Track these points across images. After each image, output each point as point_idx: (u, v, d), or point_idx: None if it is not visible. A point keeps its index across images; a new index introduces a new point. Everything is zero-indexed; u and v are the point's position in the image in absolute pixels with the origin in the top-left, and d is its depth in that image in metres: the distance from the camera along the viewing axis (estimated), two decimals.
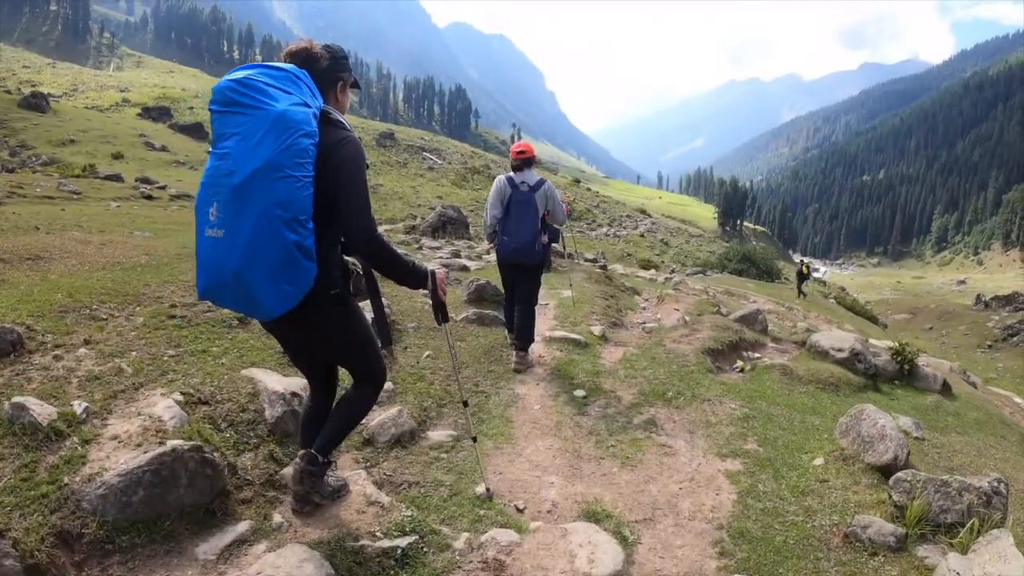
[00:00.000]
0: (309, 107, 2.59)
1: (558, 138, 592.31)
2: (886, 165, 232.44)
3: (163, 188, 23.20)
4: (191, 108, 72.01)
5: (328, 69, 2.85)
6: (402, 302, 7.33)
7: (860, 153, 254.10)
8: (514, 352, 6.24)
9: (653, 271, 23.41)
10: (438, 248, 17.20)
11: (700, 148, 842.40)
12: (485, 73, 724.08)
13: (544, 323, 7.79)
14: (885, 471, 4.17)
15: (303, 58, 2.79)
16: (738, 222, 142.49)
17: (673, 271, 42.79)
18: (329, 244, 2.73)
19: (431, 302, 3.21)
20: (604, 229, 61.47)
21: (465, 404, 3.98)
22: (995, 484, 3.70)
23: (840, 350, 7.51)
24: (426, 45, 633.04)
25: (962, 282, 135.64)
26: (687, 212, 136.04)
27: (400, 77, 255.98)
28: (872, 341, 12.69)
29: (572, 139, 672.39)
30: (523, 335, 6.23)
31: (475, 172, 74.46)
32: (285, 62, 2.76)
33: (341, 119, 2.79)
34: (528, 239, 6.10)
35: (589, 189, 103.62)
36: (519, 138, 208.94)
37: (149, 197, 20.00)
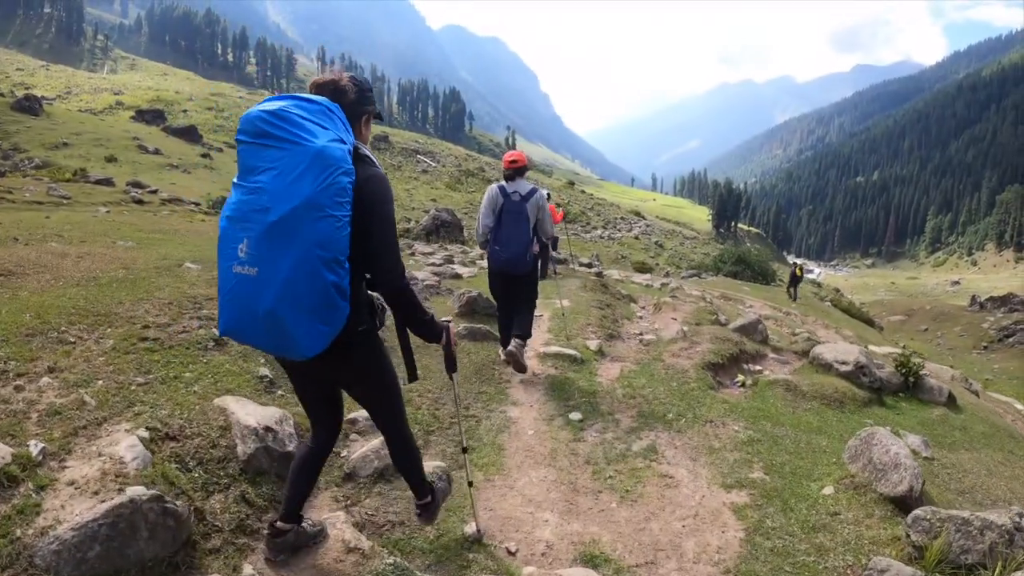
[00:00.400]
0: (344, 143, 2.52)
1: (552, 140, 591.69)
2: (880, 166, 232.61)
3: (154, 192, 22.95)
4: (185, 111, 71.81)
5: (355, 102, 2.77)
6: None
7: (854, 154, 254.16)
8: (512, 341, 6.21)
9: (648, 275, 23.20)
10: (431, 253, 16.98)
11: (694, 150, 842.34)
12: (479, 75, 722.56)
13: (538, 337, 7.57)
14: (899, 503, 3.95)
15: (331, 90, 2.73)
16: (732, 224, 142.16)
17: (667, 274, 42.65)
18: (358, 281, 2.65)
19: (444, 354, 3.19)
20: (599, 231, 61.46)
21: (465, 451, 3.68)
22: (1016, 520, 3.48)
23: (844, 363, 7.28)
24: (420, 48, 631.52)
25: (956, 283, 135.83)
26: (681, 214, 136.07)
27: (394, 80, 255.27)
28: (872, 348, 12.52)
29: (566, 141, 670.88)
30: (522, 329, 6.29)
31: (469, 175, 74.48)
32: (312, 92, 2.71)
33: (369, 154, 2.70)
34: (520, 249, 6.09)
35: (583, 191, 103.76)
36: (513, 140, 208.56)
37: (139, 202, 19.77)
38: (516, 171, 6.28)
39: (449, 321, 3.04)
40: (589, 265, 23.25)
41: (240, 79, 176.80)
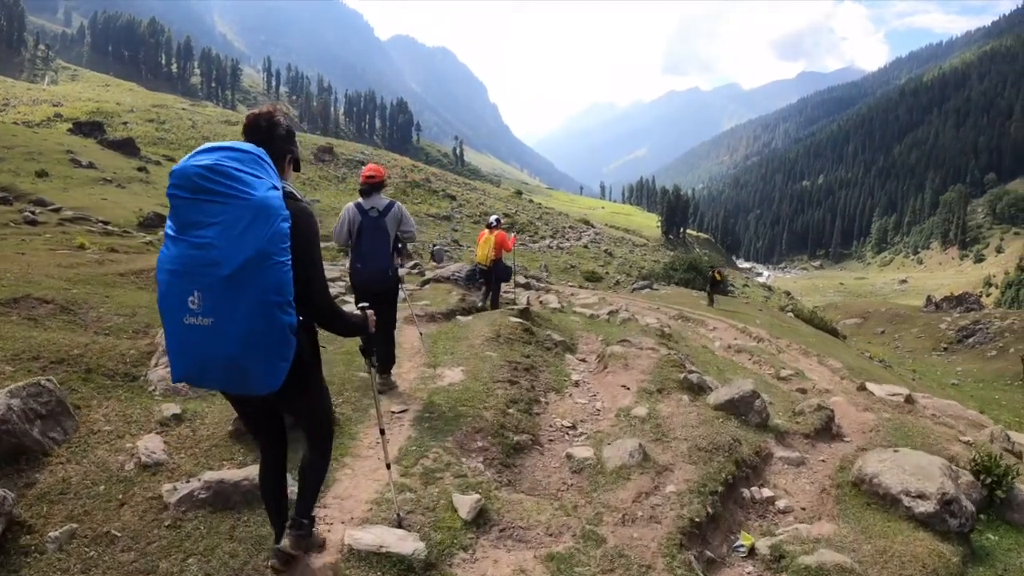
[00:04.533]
0: (278, 188, 2.65)
1: (501, 150, 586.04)
2: (825, 170, 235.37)
3: (56, 210, 21.60)
4: (125, 123, 69.25)
5: (284, 139, 2.92)
6: (67, 466, 3.90)
7: (799, 159, 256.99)
8: (378, 377, 6.19)
9: (596, 296, 19.89)
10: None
11: (642, 158, 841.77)
12: (427, 86, 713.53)
13: (363, 486, 4.11)
14: None
15: (268, 121, 2.88)
16: (681, 230, 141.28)
17: (618, 282, 40.37)
18: (303, 315, 2.80)
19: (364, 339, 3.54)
20: (547, 241, 59.25)
21: (383, 433, 3.73)
22: None
23: (922, 497, 4.14)
24: (368, 58, 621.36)
25: (904, 281, 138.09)
26: (630, 221, 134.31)
27: (341, 91, 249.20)
28: (872, 387, 9.55)
29: (515, 151, 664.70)
30: (384, 360, 6.32)
31: (415, 186, 72.15)
32: (248, 124, 2.87)
33: (294, 191, 2.83)
34: (380, 265, 6.04)
35: (531, 201, 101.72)
36: (461, 151, 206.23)
37: (33, 222, 18.48)
38: (372, 186, 6.19)
39: (367, 306, 3.26)
40: (527, 285, 20.19)
41: (184, 90, 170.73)
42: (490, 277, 12.48)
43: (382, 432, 3.83)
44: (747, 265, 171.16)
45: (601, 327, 11.87)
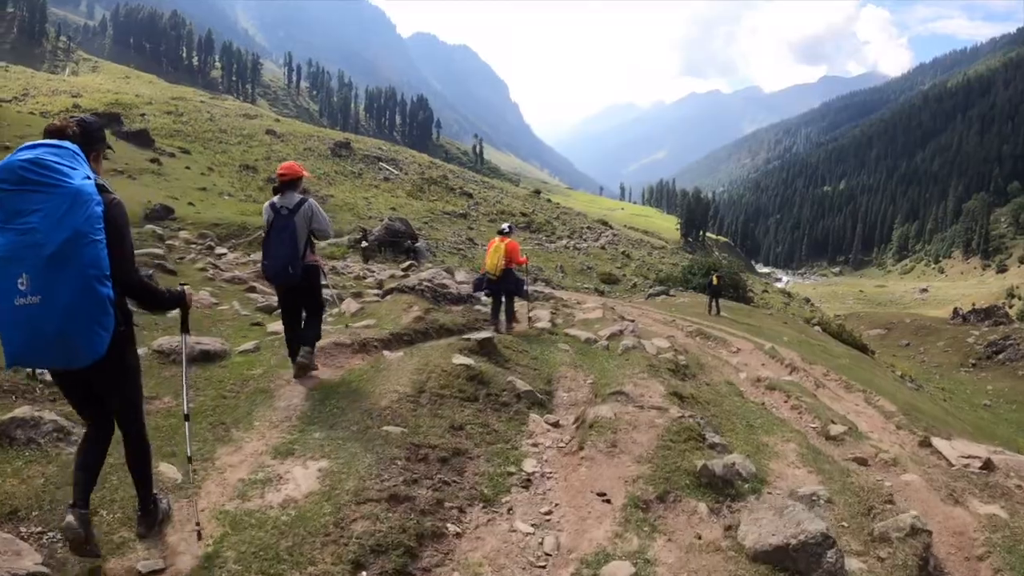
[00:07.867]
0: (91, 178, 3.04)
1: (522, 150, 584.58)
2: (847, 176, 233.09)
3: None
4: (143, 115, 68.95)
5: (83, 143, 3.22)
6: None
7: (821, 164, 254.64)
8: (301, 350, 6.31)
9: (600, 314, 18.49)
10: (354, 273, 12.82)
11: (662, 160, 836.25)
12: (448, 84, 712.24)
13: None
14: None
15: (61, 135, 3.17)
16: (701, 233, 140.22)
17: (635, 285, 39.60)
18: (116, 292, 3.10)
19: (182, 315, 3.76)
20: (564, 241, 58.41)
21: (187, 418, 3.88)
22: None
23: None
24: (389, 55, 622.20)
25: (924, 290, 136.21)
26: (649, 223, 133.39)
27: (362, 87, 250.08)
28: (938, 443, 7.90)
29: (535, 150, 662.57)
30: (307, 339, 6.39)
31: (432, 183, 71.42)
32: (46, 136, 3.14)
33: (105, 183, 3.17)
34: (284, 262, 6.15)
35: (549, 200, 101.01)
36: (481, 149, 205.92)
37: None
38: (285, 184, 6.34)
39: (185, 285, 3.67)
40: (518, 288, 19.13)
41: (205, 84, 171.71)
42: (499, 290, 11.00)
43: (187, 418, 3.87)
44: (766, 270, 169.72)
45: (596, 360, 9.47)
